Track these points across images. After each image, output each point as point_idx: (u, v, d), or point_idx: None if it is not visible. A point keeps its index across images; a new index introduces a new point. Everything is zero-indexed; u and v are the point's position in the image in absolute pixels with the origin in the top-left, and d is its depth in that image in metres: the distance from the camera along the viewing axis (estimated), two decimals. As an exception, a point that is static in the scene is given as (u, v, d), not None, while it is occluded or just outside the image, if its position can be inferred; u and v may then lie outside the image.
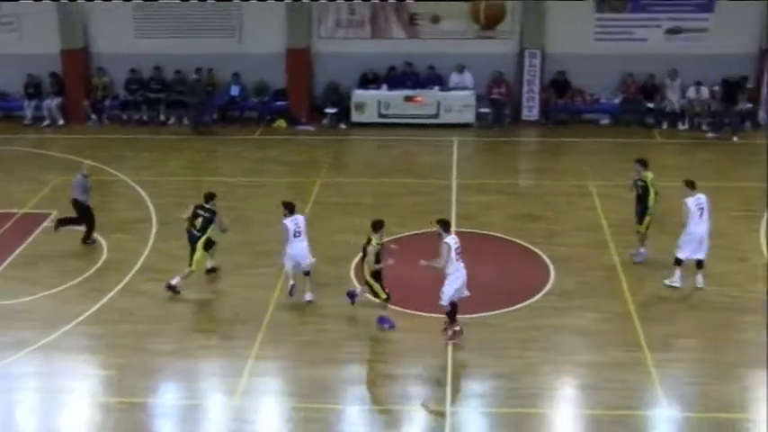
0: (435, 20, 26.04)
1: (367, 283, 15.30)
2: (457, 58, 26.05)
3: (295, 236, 16.07)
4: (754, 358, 14.64)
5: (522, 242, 18.56)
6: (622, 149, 22.77)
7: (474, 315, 15.68)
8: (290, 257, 16.27)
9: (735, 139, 24.88)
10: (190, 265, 16.53)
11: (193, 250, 16.57)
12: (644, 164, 17.50)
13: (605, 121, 26.45)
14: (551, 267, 17.56)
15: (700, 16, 25.78)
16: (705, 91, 25.72)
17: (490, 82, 26.00)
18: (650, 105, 25.92)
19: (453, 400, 13.61)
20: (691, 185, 16.56)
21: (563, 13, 25.52)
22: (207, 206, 16.63)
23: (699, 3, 25.67)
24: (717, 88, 25.70)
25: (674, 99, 25.94)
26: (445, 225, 15.02)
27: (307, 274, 16.36)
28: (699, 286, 16.72)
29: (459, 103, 25.78)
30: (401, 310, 15.94)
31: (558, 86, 26.11)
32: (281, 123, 26.26)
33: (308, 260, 16.28)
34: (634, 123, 25.86)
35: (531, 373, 14.22)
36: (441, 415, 13.28)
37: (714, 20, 25.68)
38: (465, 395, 13.87)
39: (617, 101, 26.14)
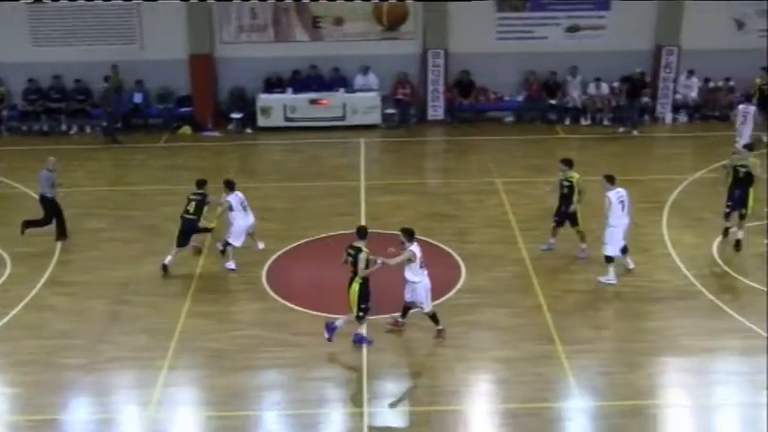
0: (339, 22, 26.05)
1: (350, 292, 14.82)
2: (361, 60, 26.12)
3: (244, 209, 17.20)
4: (660, 346, 15.05)
5: (433, 241, 18.66)
6: (527, 146, 23.14)
7: (387, 315, 15.73)
8: (238, 234, 17.21)
9: (635, 132, 25.49)
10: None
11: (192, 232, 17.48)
12: (569, 163, 17.71)
13: (509, 118, 26.83)
14: (462, 265, 17.72)
15: (597, 14, 26.36)
16: (605, 87, 26.31)
17: (395, 83, 26.14)
18: (552, 102, 26.39)
19: (371, 401, 13.63)
20: (610, 180, 16.87)
21: (465, 13, 25.80)
22: (198, 191, 17.30)
23: (596, 1, 26.22)
24: (617, 84, 26.30)
25: (575, 95, 26.47)
26: (409, 234, 14.87)
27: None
28: (630, 268, 17.22)
29: (364, 104, 25.84)
30: (313, 313, 15.94)
31: (463, 86, 26.38)
32: (187, 130, 25.96)
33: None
34: (537, 120, 26.30)
35: (447, 370, 14.34)
36: (359, 416, 13.30)
37: (611, 17, 26.29)
38: (382, 395, 13.88)
39: (520, 98, 26.54)
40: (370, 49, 26.14)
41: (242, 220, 17.36)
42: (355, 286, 14.64)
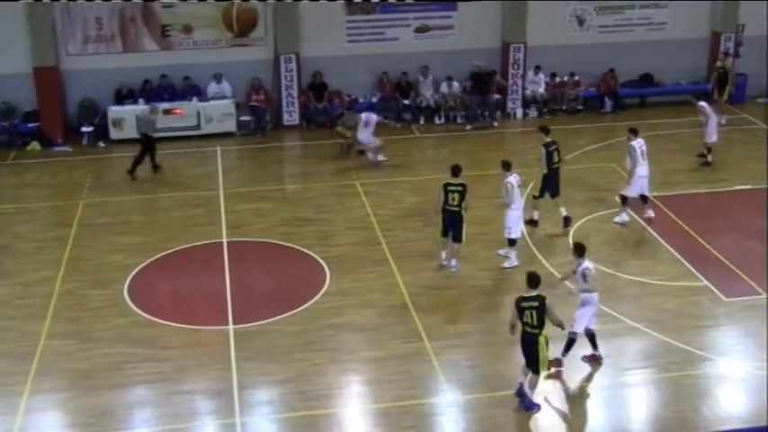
0: (188, 30, 25.66)
1: (537, 349, 13.31)
2: (213, 68, 25.81)
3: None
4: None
5: (296, 246, 18.68)
6: (384, 147, 23.28)
7: (254, 323, 15.67)
8: None
9: (495, 124, 26.24)
10: None
11: None
12: (507, 166, 17.84)
13: (365, 120, 26.98)
14: (326, 268, 17.76)
15: (445, 14, 26.82)
16: (456, 85, 26.78)
17: (249, 89, 25.95)
18: (406, 102, 26.69)
19: (242, 411, 13.52)
20: (506, 167, 17.55)
21: (315, 18, 25.82)
22: None
23: (443, 2, 26.68)
24: (468, 82, 26.82)
25: (428, 95, 26.85)
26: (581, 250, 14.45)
27: None
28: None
29: (219, 112, 25.54)
30: (179, 325, 15.72)
31: (316, 89, 26.40)
32: (36, 146, 25.07)
33: None
34: (392, 121, 26.50)
35: (318, 374, 14.36)
36: (231, 426, 13.18)
37: (459, 17, 26.80)
38: (254, 404, 13.81)
39: (374, 100, 26.73)
40: (221, 56, 25.87)
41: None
42: (542, 340, 13.22)
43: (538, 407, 13.50)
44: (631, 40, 27.73)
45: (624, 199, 19.62)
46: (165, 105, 25.16)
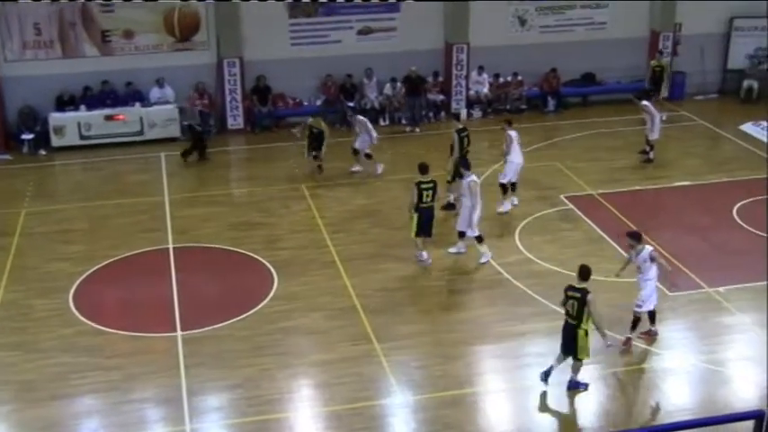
0: (129, 35, 25.38)
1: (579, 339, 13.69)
2: (156, 73, 25.55)
3: None
4: (474, 335, 15.58)
5: (243, 251, 18.60)
6: (329, 149, 23.28)
7: (202, 329, 15.57)
8: None
9: (416, 130, 26.23)
10: None
11: None
12: (422, 169, 17.91)
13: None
14: (274, 272, 17.70)
15: (388, 16, 26.87)
16: (400, 87, 26.82)
17: (192, 94, 25.76)
18: (351, 104, 26.66)
19: (192, 418, 13.43)
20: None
21: (258, 21, 25.72)
22: None
23: (386, 3, 26.75)
24: (399, 84, 26.83)
25: (372, 97, 26.89)
26: (637, 238, 15.16)
27: None
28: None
29: (162, 117, 25.31)
30: (126, 333, 15.57)
31: (260, 93, 26.30)
32: (-26, 155, 24.68)
33: None
34: (337, 123, 26.46)
35: (268, 378, 14.31)
36: (181, 434, 13.11)
37: (402, 19, 26.87)
38: (204, 410, 13.70)
39: (319, 103, 26.69)
40: (163, 61, 25.63)
41: None
42: (581, 333, 13.52)
43: (585, 386, 14.01)
44: (573, 40, 28.05)
45: (504, 188, 20.03)
46: (107, 111, 24.90)
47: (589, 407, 13.95)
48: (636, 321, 15.06)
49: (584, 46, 28.02)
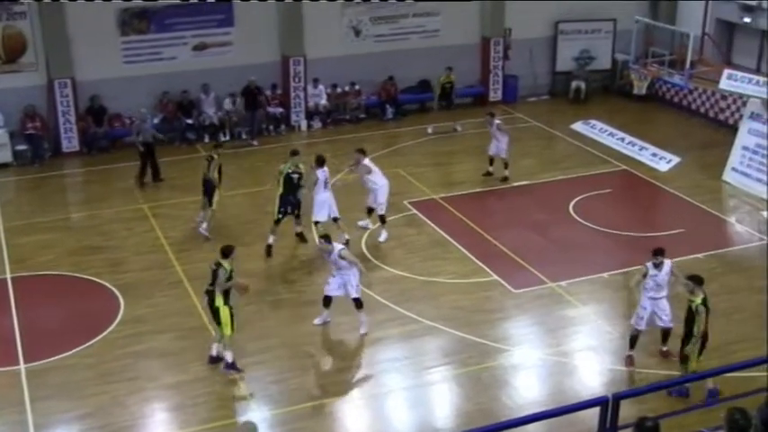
0: (-50, 58, 24.35)
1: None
2: (-19, 96, 24.57)
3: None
4: (328, 345, 15.73)
5: (86, 276, 18.06)
6: (169, 167, 22.88)
7: (47, 360, 15.02)
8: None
9: (255, 143, 26.19)
10: None
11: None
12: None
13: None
14: (120, 296, 17.27)
15: (222, 31, 26.64)
16: (239, 101, 26.63)
17: (23, 117, 24.81)
18: (189, 121, 26.30)
19: (42, 453, 12.96)
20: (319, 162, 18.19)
21: (87, 40, 25.00)
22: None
23: (219, 18, 26.49)
24: (238, 97, 26.67)
25: (210, 112, 26.57)
26: (660, 253, 14.62)
27: None
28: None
29: (-8, 142, 24.36)
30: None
31: (95, 113, 25.62)
32: None
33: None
34: (177, 140, 26.07)
35: (119, 405, 13.91)
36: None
37: (236, 33, 26.68)
38: (53, 444, 13.26)
39: (156, 120, 26.14)
40: (-10, 83, 24.67)
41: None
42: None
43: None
44: (407, 48, 28.50)
45: (383, 218, 19.66)
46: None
47: (444, 408, 14.18)
48: (666, 334, 14.82)
49: (418, 54, 28.50)
